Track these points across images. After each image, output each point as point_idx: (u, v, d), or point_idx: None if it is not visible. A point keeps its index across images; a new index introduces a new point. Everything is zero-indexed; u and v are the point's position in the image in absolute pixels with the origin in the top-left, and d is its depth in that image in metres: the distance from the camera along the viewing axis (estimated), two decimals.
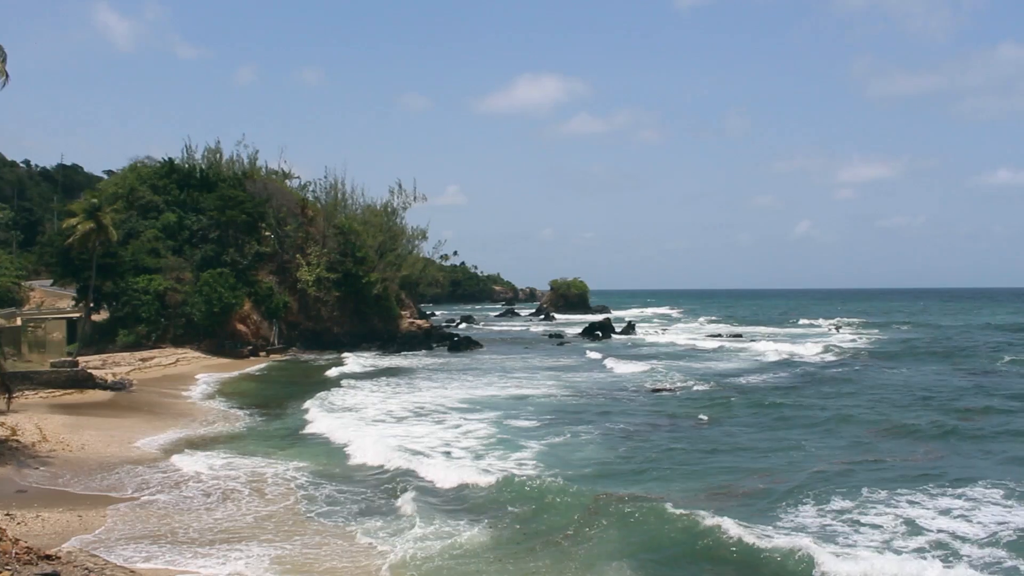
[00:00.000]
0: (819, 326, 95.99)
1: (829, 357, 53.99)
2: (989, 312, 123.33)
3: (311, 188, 73.40)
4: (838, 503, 17.39)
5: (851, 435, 25.96)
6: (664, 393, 36.79)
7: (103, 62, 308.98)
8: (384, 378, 43.67)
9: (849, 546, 14.57)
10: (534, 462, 22.42)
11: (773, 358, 53.85)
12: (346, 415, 30.86)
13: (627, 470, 21.55)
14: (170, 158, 64.47)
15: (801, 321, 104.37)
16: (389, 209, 75.06)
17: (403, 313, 71.12)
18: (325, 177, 74.54)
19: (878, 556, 13.74)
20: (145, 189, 60.13)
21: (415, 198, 75.65)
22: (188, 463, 22.11)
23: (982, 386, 37.55)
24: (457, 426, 28.45)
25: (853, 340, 70.60)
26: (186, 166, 64.89)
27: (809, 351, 57.40)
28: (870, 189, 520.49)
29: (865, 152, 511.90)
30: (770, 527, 15.60)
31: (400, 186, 75.45)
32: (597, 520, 16.18)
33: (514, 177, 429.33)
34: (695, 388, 38.09)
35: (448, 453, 23.97)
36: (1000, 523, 15.95)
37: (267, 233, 61.51)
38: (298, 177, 75.91)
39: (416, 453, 23.55)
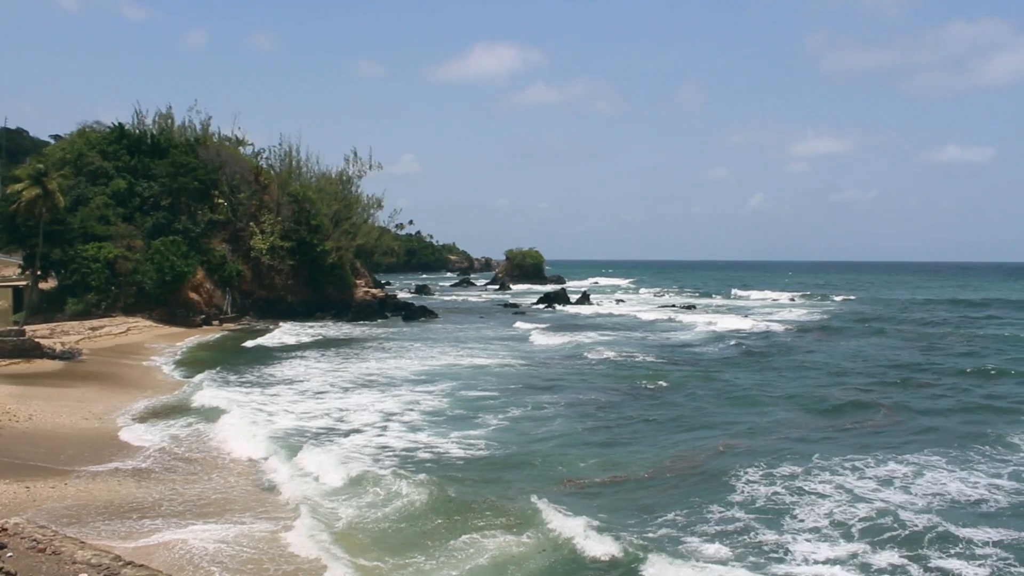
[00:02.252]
0: (769, 298, 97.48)
1: (777, 328, 54.87)
2: (938, 286, 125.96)
3: (265, 155, 72.61)
4: (787, 469, 17.97)
5: (795, 407, 26.48)
6: (616, 362, 37.24)
7: (47, 22, 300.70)
8: (334, 348, 43.58)
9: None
10: (485, 440, 22.11)
11: (722, 329, 54.53)
12: (285, 389, 30.45)
13: (586, 442, 21.80)
14: (120, 123, 63.26)
15: (751, 293, 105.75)
16: (344, 177, 74.37)
17: (358, 282, 70.64)
18: (279, 144, 73.37)
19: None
20: (94, 155, 58.82)
21: (370, 166, 75.12)
22: (142, 434, 21.92)
23: (926, 359, 38.52)
24: (399, 396, 28.40)
25: (799, 311, 71.91)
26: (137, 132, 63.60)
27: (758, 323, 58.20)
28: (823, 163, 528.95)
29: (818, 126, 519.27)
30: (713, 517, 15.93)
31: (355, 154, 74.84)
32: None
33: (469, 146, 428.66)
34: (646, 359, 38.60)
35: (384, 427, 23.46)
36: (936, 494, 16.66)
37: (220, 201, 60.66)
38: (252, 144, 74.75)
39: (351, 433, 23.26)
